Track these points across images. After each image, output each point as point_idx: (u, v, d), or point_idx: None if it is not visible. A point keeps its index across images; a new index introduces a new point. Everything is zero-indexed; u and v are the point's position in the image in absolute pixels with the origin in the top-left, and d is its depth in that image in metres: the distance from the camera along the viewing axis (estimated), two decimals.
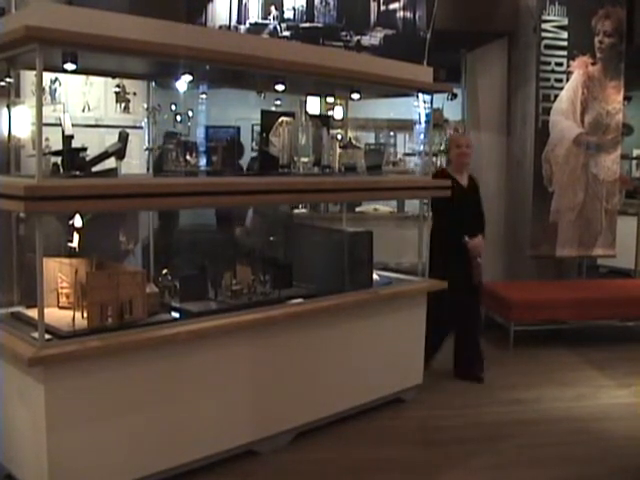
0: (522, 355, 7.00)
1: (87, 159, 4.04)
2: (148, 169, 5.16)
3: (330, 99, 6.17)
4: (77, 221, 4.50)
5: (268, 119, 5.00)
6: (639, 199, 9.42)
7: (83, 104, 7.50)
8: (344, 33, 7.47)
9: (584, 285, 8.28)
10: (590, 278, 8.97)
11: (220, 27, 7.19)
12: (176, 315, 4.33)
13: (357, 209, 11.18)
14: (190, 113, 4.99)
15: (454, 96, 8.76)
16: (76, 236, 4.53)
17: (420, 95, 5.79)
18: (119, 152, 4.22)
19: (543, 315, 7.29)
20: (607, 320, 7.62)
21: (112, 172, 4.09)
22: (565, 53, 7.90)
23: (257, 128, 5.01)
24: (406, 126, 11.90)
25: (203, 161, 4.73)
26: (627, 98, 9.04)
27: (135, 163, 5.69)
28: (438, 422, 5.30)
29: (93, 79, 7.29)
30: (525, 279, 8.28)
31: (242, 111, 7.26)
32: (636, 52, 8.34)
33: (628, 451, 4.80)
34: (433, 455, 4.75)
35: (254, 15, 7.31)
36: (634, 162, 10.84)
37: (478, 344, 6.23)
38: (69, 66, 3.84)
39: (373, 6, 7.60)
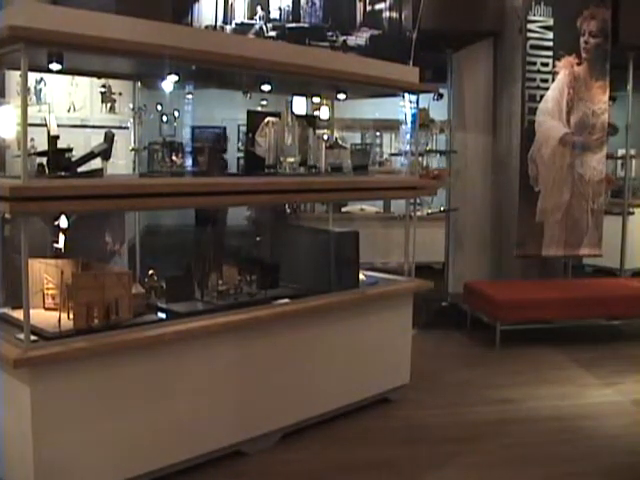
0: (508, 354, 7.01)
1: (73, 159, 4.03)
2: (134, 169, 5.15)
3: (316, 99, 6.17)
4: (63, 222, 4.48)
5: (254, 119, 4.99)
6: (624, 198, 9.46)
7: (69, 104, 7.49)
8: (330, 33, 7.48)
9: (570, 284, 8.31)
10: (576, 277, 9.00)
11: (206, 27, 7.19)
12: (162, 316, 4.32)
13: (343, 209, 11.25)
14: (176, 113, 4.99)
15: (440, 96, 8.78)
16: (62, 237, 4.52)
17: (406, 95, 5.80)
18: (105, 152, 4.21)
19: (529, 314, 7.31)
20: (593, 319, 7.64)
21: (98, 172, 4.09)
22: (551, 53, 7.92)
23: (243, 128, 5.00)
24: (392, 126, 11.99)
25: (189, 161, 4.72)
26: (612, 98, 9.09)
27: (121, 163, 5.68)
28: (425, 421, 5.31)
29: (79, 79, 7.30)
30: (511, 279, 8.31)
31: (228, 111, 7.28)
32: (621, 52, 8.39)
33: (614, 450, 4.82)
34: (420, 454, 4.75)
35: (240, 15, 7.31)
36: (619, 162, 10.89)
37: None
38: (54, 66, 3.84)
39: (359, 6, 7.62)
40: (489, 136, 8.67)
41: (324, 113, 6.23)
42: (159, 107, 5.06)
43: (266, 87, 5.02)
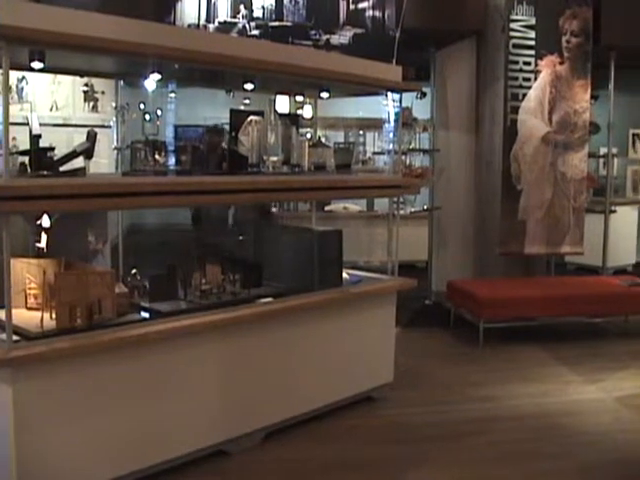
0: (491, 352, 7.04)
1: (55, 158, 4.01)
2: (117, 168, 5.13)
3: (299, 98, 6.17)
4: (45, 221, 4.46)
5: (237, 118, 4.98)
6: (606, 197, 9.51)
7: (51, 103, 7.46)
8: (313, 32, 7.48)
9: (552, 282, 8.35)
10: (558, 275, 9.04)
11: (189, 26, 7.17)
12: (145, 315, 4.31)
13: (326, 208, 11.24)
14: (159, 112, 4.97)
15: (423, 95, 8.80)
16: (44, 236, 4.49)
17: (389, 94, 5.80)
18: (87, 151, 4.19)
19: (512, 312, 7.34)
20: (575, 317, 7.68)
21: (80, 171, 4.06)
22: (533, 52, 7.95)
23: (226, 127, 5.00)
24: (375, 125, 12.00)
25: (172, 160, 4.71)
26: (594, 97, 9.13)
27: (104, 162, 5.66)
28: (408, 420, 5.32)
29: (61, 78, 7.27)
30: (494, 276, 8.33)
31: (211, 110, 7.26)
32: (603, 51, 8.44)
33: (597, 446, 4.85)
34: (404, 453, 4.76)
35: (223, 14, 7.29)
36: (601, 160, 10.94)
37: None
38: (36, 64, 3.82)
39: (342, 5, 7.62)
40: (472, 135, 8.69)
41: (307, 112, 6.23)
42: (142, 106, 5.04)
43: (249, 86, 5.02)
